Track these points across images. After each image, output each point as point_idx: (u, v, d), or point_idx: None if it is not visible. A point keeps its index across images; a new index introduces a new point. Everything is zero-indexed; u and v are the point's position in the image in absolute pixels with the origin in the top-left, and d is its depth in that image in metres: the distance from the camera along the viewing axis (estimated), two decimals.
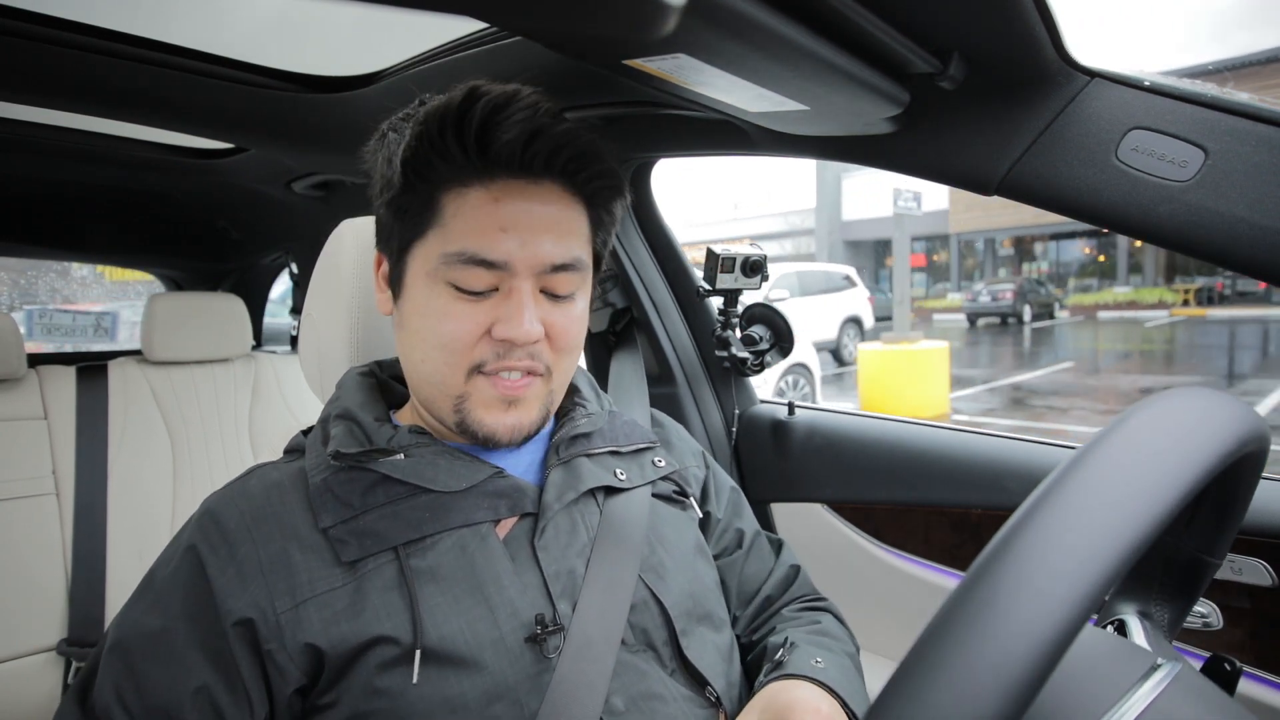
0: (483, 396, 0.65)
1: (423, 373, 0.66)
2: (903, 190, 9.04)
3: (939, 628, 0.31)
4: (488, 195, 0.62)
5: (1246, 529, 0.82)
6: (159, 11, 0.93)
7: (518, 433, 0.66)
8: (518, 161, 0.62)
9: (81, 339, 2.52)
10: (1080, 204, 0.67)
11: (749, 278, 1.24)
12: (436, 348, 0.64)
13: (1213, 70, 12.52)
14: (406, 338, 0.67)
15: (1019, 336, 16.34)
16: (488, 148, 0.61)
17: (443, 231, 0.63)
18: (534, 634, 0.59)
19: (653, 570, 0.68)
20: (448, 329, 0.63)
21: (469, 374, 0.64)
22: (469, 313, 0.63)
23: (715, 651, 0.69)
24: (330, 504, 0.62)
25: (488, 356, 0.64)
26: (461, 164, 0.62)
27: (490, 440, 0.66)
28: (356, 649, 0.56)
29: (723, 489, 0.86)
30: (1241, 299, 20.11)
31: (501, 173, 0.62)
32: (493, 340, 0.63)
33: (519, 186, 0.63)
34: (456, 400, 0.65)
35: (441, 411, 0.67)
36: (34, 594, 1.50)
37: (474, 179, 0.62)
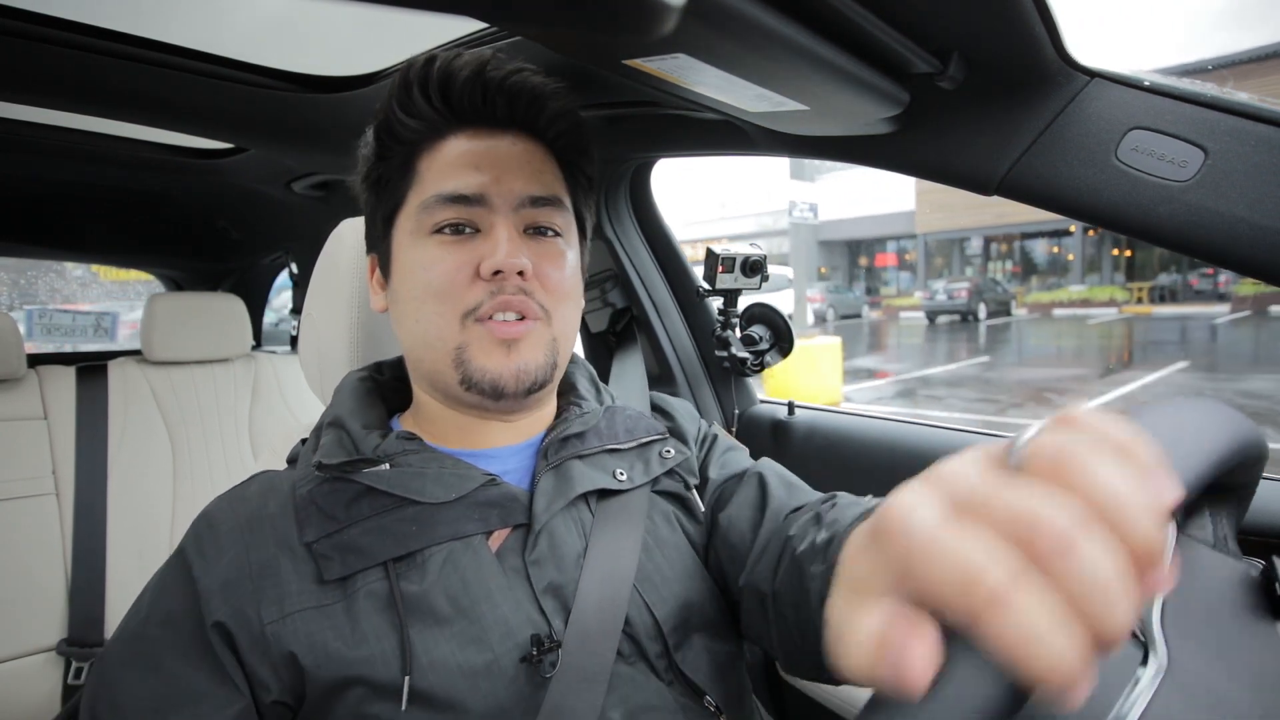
0: (481, 343, 0.63)
1: (419, 335, 0.65)
2: (798, 202, 9.78)
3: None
4: (457, 143, 0.66)
5: (1246, 529, 0.82)
6: (159, 11, 0.93)
7: (524, 377, 0.64)
8: (479, 111, 0.66)
9: (81, 339, 2.52)
10: (1080, 204, 0.67)
11: (749, 277, 1.24)
12: (428, 298, 0.64)
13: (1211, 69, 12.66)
14: (400, 310, 0.67)
15: (971, 333, 17.21)
16: (449, 97, 0.64)
17: (420, 186, 0.66)
18: (529, 654, 0.57)
19: (647, 579, 0.66)
20: (436, 274, 0.63)
21: (463, 321, 0.63)
22: (454, 254, 0.64)
23: (712, 660, 0.67)
24: (314, 517, 0.60)
25: (481, 298, 0.63)
26: (429, 118, 0.65)
27: (497, 389, 0.64)
28: (343, 679, 0.55)
29: (717, 454, 0.80)
30: (1198, 296, 20.94)
31: (468, 126, 0.66)
32: (482, 280, 0.63)
33: (486, 133, 0.66)
34: (456, 353, 0.63)
35: (444, 375, 0.65)
36: (34, 594, 1.50)
37: (444, 133, 0.66)
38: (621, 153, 1.17)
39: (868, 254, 29.78)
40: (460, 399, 0.67)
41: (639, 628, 0.64)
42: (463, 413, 0.69)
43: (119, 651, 0.56)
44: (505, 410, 0.68)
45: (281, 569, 0.58)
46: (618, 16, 0.33)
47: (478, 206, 0.64)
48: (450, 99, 0.65)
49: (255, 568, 0.57)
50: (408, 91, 0.65)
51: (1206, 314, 17.89)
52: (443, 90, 0.64)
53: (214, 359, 1.87)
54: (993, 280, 22.56)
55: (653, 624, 0.64)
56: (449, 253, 0.64)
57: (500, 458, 0.69)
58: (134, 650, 0.56)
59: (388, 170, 0.68)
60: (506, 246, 0.63)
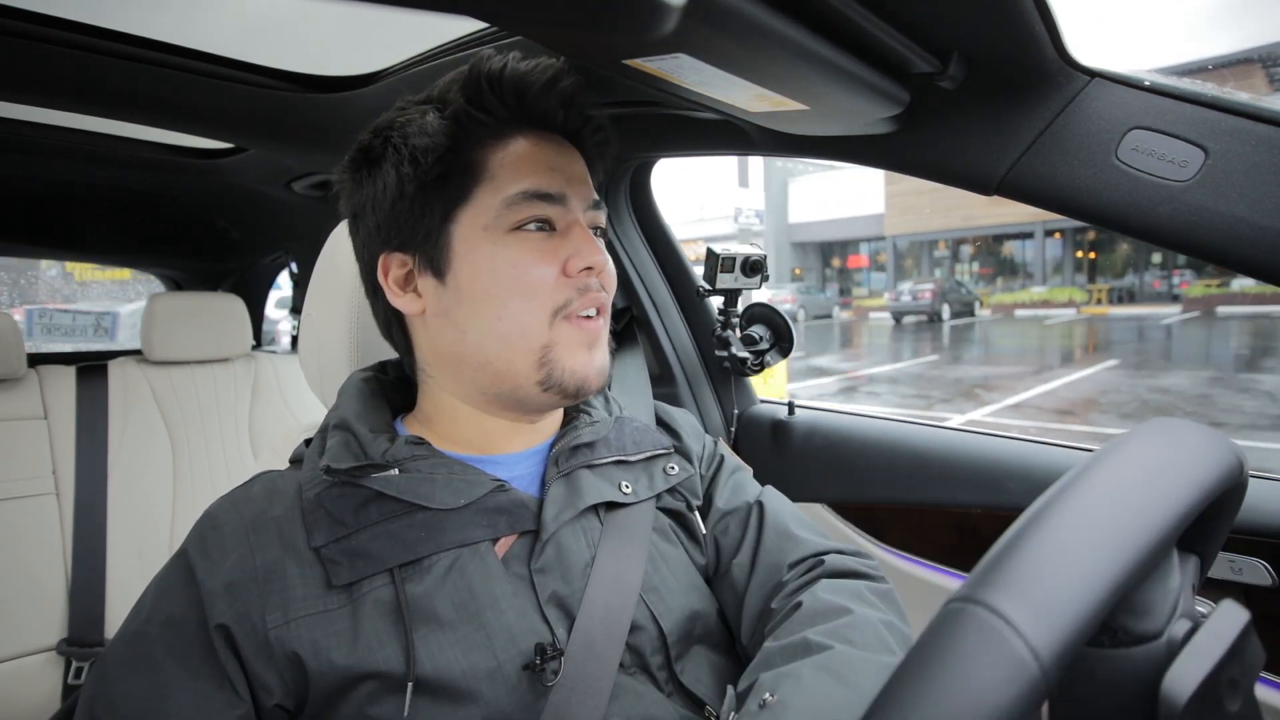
0: (569, 342, 0.65)
1: (498, 335, 0.64)
2: (743, 209, 10.18)
3: (1012, 544, 0.32)
4: (527, 142, 0.67)
5: (1247, 529, 0.82)
6: (159, 11, 0.93)
7: (604, 375, 0.67)
8: (545, 114, 0.67)
9: (81, 339, 2.52)
10: (1080, 204, 0.67)
11: (749, 277, 1.24)
12: (517, 295, 0.63)
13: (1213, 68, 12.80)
14: (467, 310, 0.65)
15: (935, 333, 17.84)
16: (523, 98, 0.65)
17: (493, 183, 0.65)
18: (532, 663, 0.57)
19: (654, 590, 0.66)
20: (528, 272, 0.63)
21: (553, 319, 0.64)
22: (545, 251, 0.64)
23: (714, 672, 0.67)
24: (322, 521, 0.59)
25: (571, 295, 0.64)
26: (501, 116, 0.66)
27: (582, 389, 0.66)
28: (347, 681, 0.55)
29: (723, 478, 0.81)
30: (1156, 298, 21.72)
31: (531, 126, 0.68)
32: (568, 278, 0.64)
33: (547, 137, 0.68)
34: (542, 352, 0.64)
35: (522, 374, 0.65)
36: (34, 594, 1.50)
37: (511, 131, 0.67)
38: (621, 153, 1.17)
39: (840, 255, 30.09)
40: (521, 400, 0.67)
41: (643, 638, 0.63)
42: (493, 415, 0.69)
43: (119, 652, 0.56)
44: (552, 410, 0.71)
45: (287, 572, 0.57)
46: (618, 16, 0.33)
47: (559, 205, 0.65)
48: (524, 100, 0.65)
49: (260, 570, 0.57)
50: (479, 87, 0.65)
51: (1160, 315, 18.44)
52: (518, 91, 0.65)
53: (214, 359, 1.87)
54: (957, 282, 23.13)
55: (658, 635, 0.64)
56: (537, 249, 0.64)
57: (507, 463, 0.69)
58: (134, 651, 0.56)
59: (451, 166, 0.65)
60: (593, 244, 0.65)
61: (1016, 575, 0.30)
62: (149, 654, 0.55)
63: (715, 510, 0.77)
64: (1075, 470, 0.35)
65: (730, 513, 0.77)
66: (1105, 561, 0.31)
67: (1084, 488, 0.34)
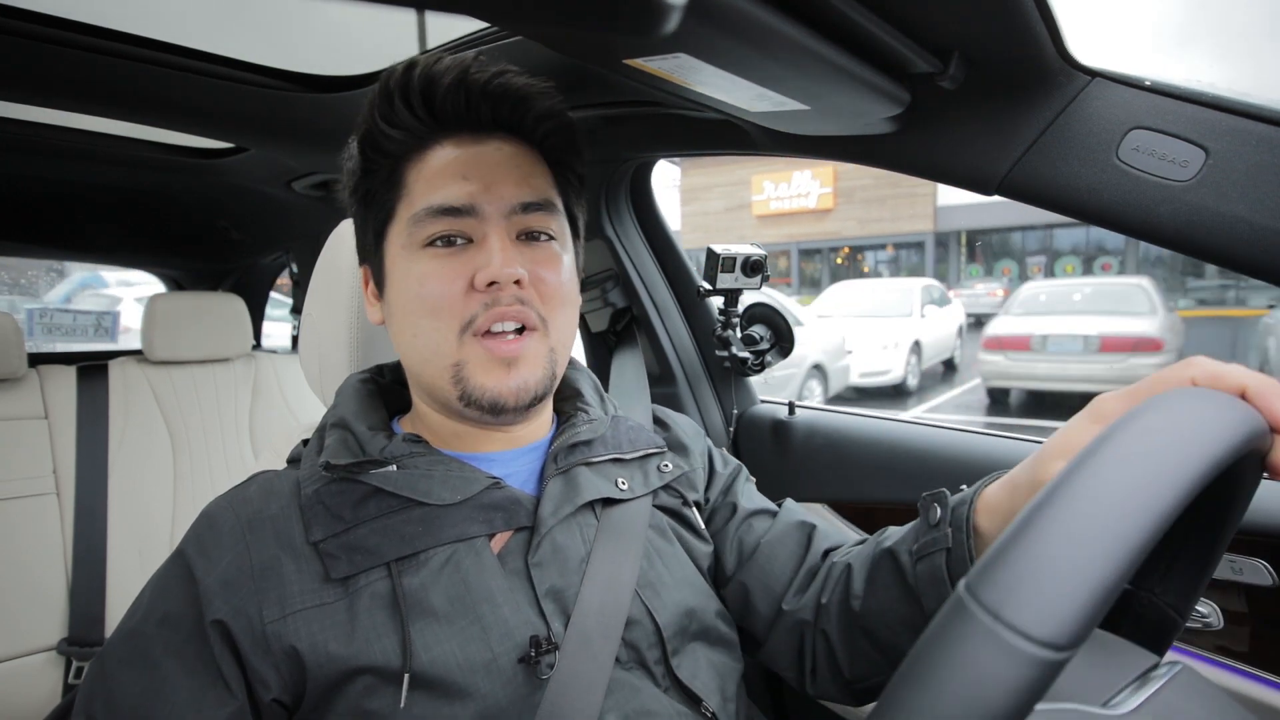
0: (479, 361, 0.63)
1: (417, 350, 0.65)
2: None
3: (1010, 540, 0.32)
4: (444, 152, 0.65)
5: (1247, 529, 0.82)
6: (159, 11, 0.93)
7: (523, 394, 0.64)
8: (464, 117, 0.64)
9: (81, 339, 2.52)
10: (1081, 204, 0.67)
11: (749, 277, 1.24)
12: (424, 314, 0.63)
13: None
14: (397, 324, 0.66)
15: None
16: (432, 105, 0.63)
17: (409, 199, 0.65)
18: (527, 655, 0.58)
19: (649, 585, 0.66)
20: (430, 289, 0.63)
21: (461, 335, 0.62)
22: (447, 267, 0.63)
23: (710, 668, 0.67)
24: (321, 516, 0.60)
25: (476, 310, 0.62)
26: (412, 127, 0.64)
27: (497, 406, 0.63)
28: (344, 673, 0.55)
29: (720, 471, 0.83)
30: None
31: (453, 132, 0.65)
32: (477, 292, 0.62)
33: (472, 140, 0.65)
34: (454, 370, 0.63)
35: (443, 390, 0.64)
36: (34, 594, 1.50)
37: (429, 142, 0.65)
38: (621, 153, 1.17)
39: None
40: (460, 413, 0.66)
41: (639, 633, 0.64)
42: (461, 422, 0.69)
43: (116, 649, 0.57)
44: (505, 424, 0.69)
45: (283, 569, 0.58)
46: (618, 16, 0.33)
47: (468, 217, 0.63)
48: (434, 107, 0.63)
49: (256, 568, 0.57)
50: (389, 101, 0.63)
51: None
52: (425, 98, 0.63)
53: (214, 359, 1.87)
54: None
55: (653, 630, 0.65)
56: (442, 266, 0.63)
57: (501, 461, 0.69)
58: (131, 649, 0.56)
59: (374, 183, 0.66)
60: (500, 256, 0.62)
61: (1017, 571, 0.31)
62: (146, 651, 0.55)
63: (741, 510, 0.79)
64: (1083, 453, 0.35)
65: (758, 512, 0.80)
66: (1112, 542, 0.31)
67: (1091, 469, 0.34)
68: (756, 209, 17.06)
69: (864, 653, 0.67)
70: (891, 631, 0.64)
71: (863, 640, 0.67)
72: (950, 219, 15.33)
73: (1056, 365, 6.79)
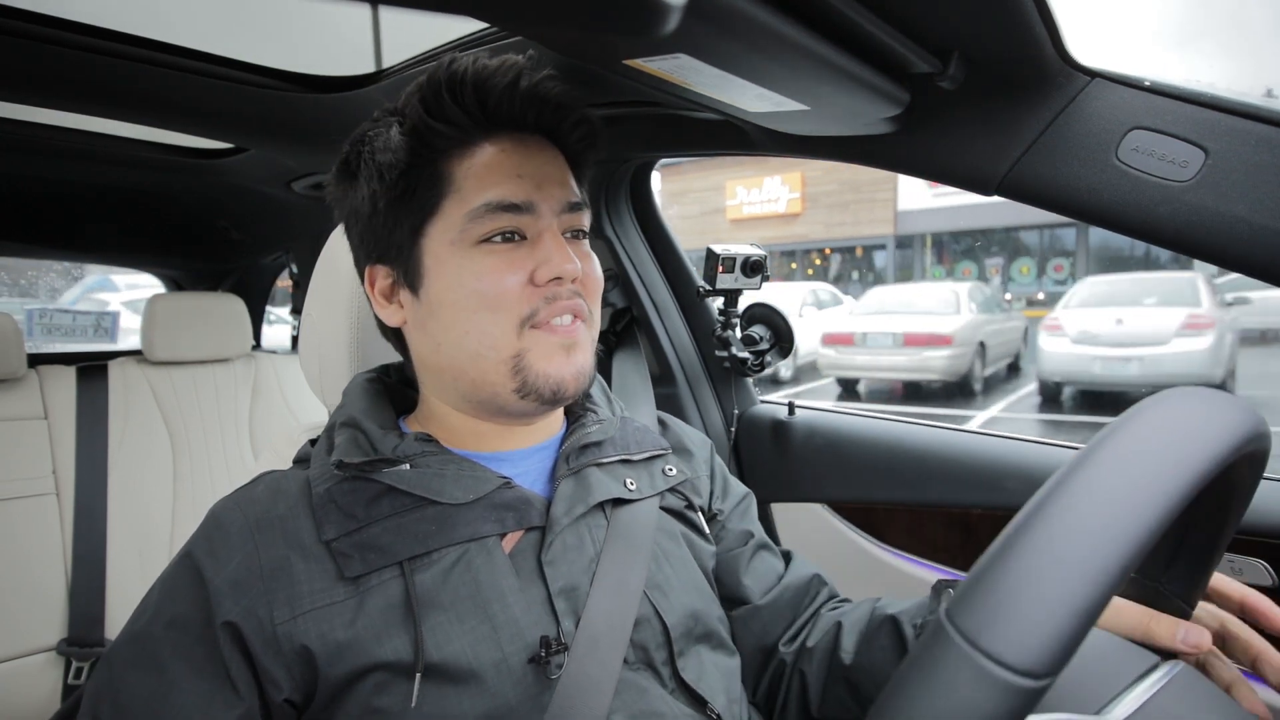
0: (542, 348, 0.64)
1: (468, 349, 0.64)
2: None
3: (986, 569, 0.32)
4: (494, 149, 0.65)
5: (1247, 529, 0.82)
6: (159, 11, 0.93)
7: (582, 378, 0.66)
8: (514, 117, 0.65)
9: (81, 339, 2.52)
10: (1080, 204, 0.67)
11: (749, 278, 1.24)
12: (483, 309, 0.63)
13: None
14: (439, 324, 0.65)
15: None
16: (485, 103, 0.63)
17: (459, 195, 0.64)
18: (537, 655, 0.58)
19: (657, 587, 0.67)
20: (493, 284, 0.63)
21: (521, 329, 0.63)
22: (508, 262, 0.63)
23: (715, 670, 0.68)
24: (333, 515, 0.60)
25: (538, 305, 0.63)
26: (464, 125, 0.64)
27: (559, 392, 0.64)
28: (355, 671, 0.55)
29: (732, 490, 0.85)
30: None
31: (498, 132, 0.65)
32: (537, 287, 0.63)
33: (517, 141, 0.66)
34: (514, 361, 0.63)
35: (495, 384, 0.64)
36: (34, 594, 1.50)
37: (478, 138, 0.65)
38: (621, 153, 1.17)
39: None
40: (503, 407, 0.66)
41: (647, 634, 0.64)
42: (487, 420, 0.69)
43: (124, 651, 0.57)
44: (539, 415, 0.70)
45: (293, 569, 0.58)
46: (618, 16, 0.33)
47: (526, 214, 0.64)
48: (487, 105, 0.64)
49: (266, 568, 0.57)
50: (438, 96, 0.63)
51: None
52: (479, 96, 0.63)
53: (214, 359, 1.87)
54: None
55: (661, 630, 0.65)
56: (502, 261, 0.63)
57: (512, 460, 0.69)
58: (139, 651, 0.56)
59: (416, 179, 0.65)
60: (562, 253, 0.63)
61: (995, 598, 0.31)
62: (154, 653, 0.55)
63: (756, 539, 0.82)
64: (1058, 476, 0.35)
65: (766, 546, 0.83)
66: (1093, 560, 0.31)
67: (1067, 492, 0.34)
68: (730, 213, 17.60)
69: (839, 699, 0.71)
70: (876, 688, 0.68)
71: (842, 689, 0.70)
72: (910, 223, 15.87)
73: (871, 357, 8.38)
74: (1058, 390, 7.67)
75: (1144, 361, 6.70)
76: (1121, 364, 6.81)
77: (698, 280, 1.31)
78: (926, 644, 0.31)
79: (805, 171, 16.15)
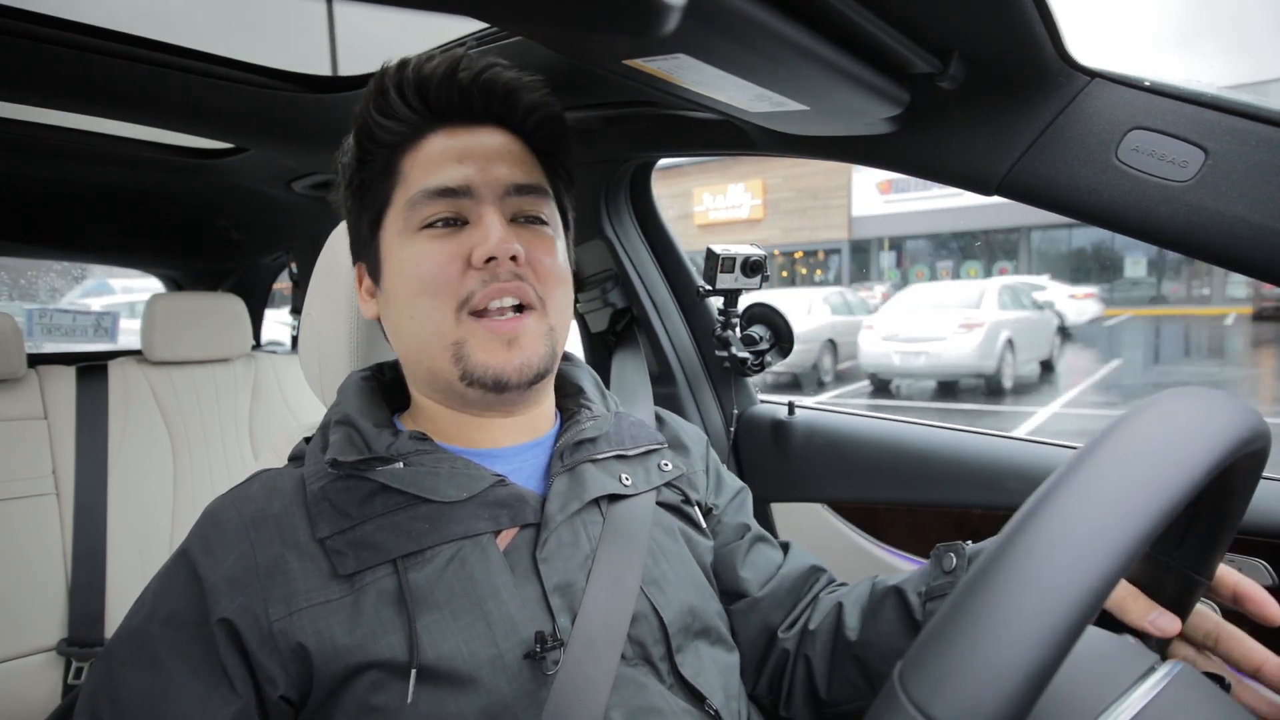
0: (480, 340, 0.64)
1: (415, 333, 0.65)
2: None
3: (937, 630, 0.31)
4: (438, 140, 0.67)
5: (1246, 529, 0.82)
6: (159, 11, 0.93)
7: (526, 370, 0.65)
8: (457, 108, 0.67)
9: (81, 339, 2.52)
10: (1080, 204, 0.67)
11: (749, 278, 1.24)
12: (422, 294, 0.64)
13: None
14: (394, 311, 0.67)
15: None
16: (426, 96, 0.65)
17: (404, 186, 0.66)
18: (532, 651, 0.58)
19: (654, 582, 0.67)
20: (428, 268, 0.64)
21: (459, 312, 0.63)
22: (444, 247, 0.64)
23: (713, 666, 0.68)
24: (327, 513, 0.60)
25: (474, 287, 0.63)
26: (407, 118, 0.66)
27: (500, 382, 0.64)
28: (351, 669, 0.55)
29: (727, 484, 0.85)
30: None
31: (446, 123, 0.67)
32: (475, 270, 0.63)
33: (465, 129, 0.67)
34: (454, 348, 0.64)
35: (443, 372, 0.65)
36: (34, 594, 1.50)
37: (424, 132, 0.67)
38: (621, 153, 1.17)
39: None
40: (462, 395, 0.67)
41: (644, 629, 0.64)
42: (463, 411, 0.69)
43: (120, 649, 0.57)
44: (509, 404, 0.69)
45: (288, 566, 0.58)
46: (618, 16, 0.33)
47: (465, 198, 0.65)
48: (428, 98, 0.66)
49: (261, 566, 0.58)
50: (384, 95, 0.66)
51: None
52: (419, 90, 0.65)
53: (214, 359, 1.87)
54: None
55: (659, 626, 0.65)
56: (439, 245, 0.64)
57: (505, 457, 0.69)
58: (135, 648, 0.56)
59: (369, 175, 0.68)
60: (497, 233, 0.63)
61: (944, 665, 0.30)
62: (150, 651, 0.55)
63: (753, 532, 0.82)
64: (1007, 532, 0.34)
65: (763, 538, 0.83)
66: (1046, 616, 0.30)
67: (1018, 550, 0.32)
68: (698, 219, 18.29)
69: (848, 678, 0.70)
70: (886, 663, 0.67)
71: (851, 667, 0.70)
72: (863, 228, 16.50)
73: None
74: (886, 381, 9.06)
75: (929, 355, 8.29)
76: (913, 356, 8.38)
77: (698, 280, 1.31)
78: (879, 707, 0.31)
79: (766, 179, 16.88)
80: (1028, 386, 8.74)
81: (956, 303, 8.85)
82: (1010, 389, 8.39)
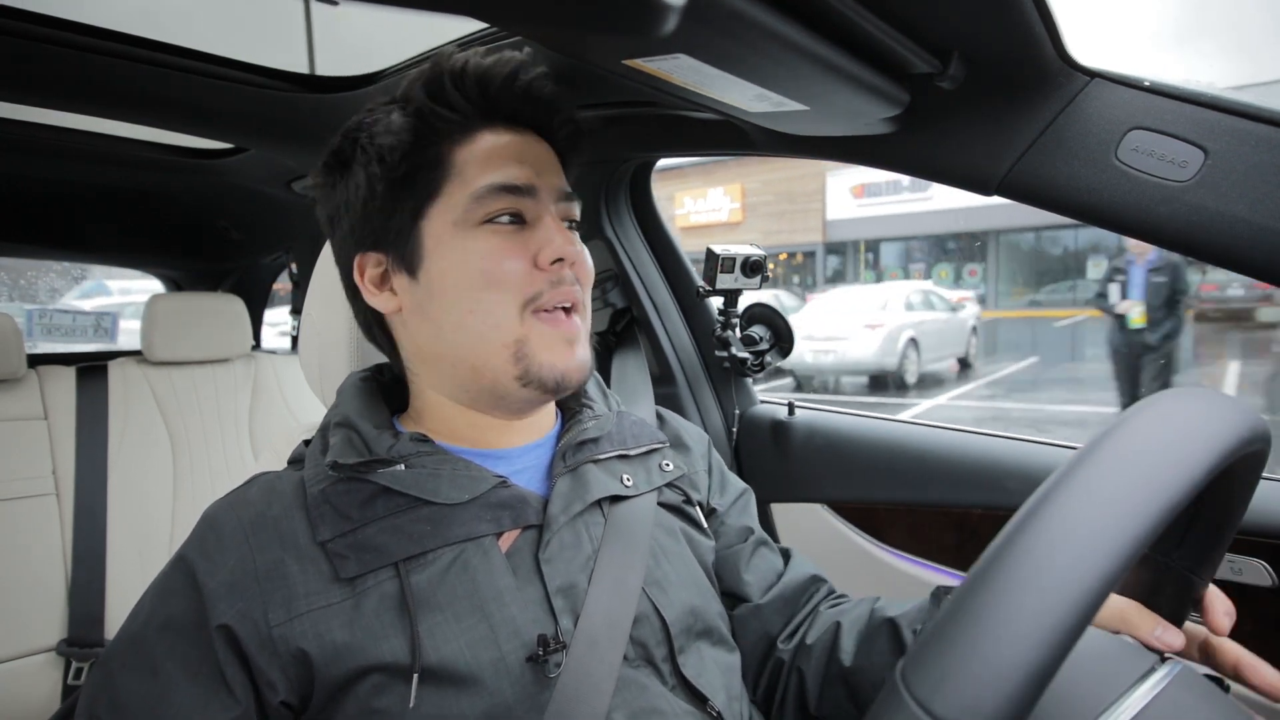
0: (544, 339, 0.64)
1: (471, 329, 0.64)
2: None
3: (939, 629, 0.31)
4: (494, 136, 0.67)
5: (1246, 529, 0.82)
6: (159, 11, 0.93)
7: (585, 370, 0.67)
8: (510, 108, 0.67)
9: (81, 339, 2.52)
10: (1080, 204, 0.67)
11: (749, 278, 1.24)
12: (488, 288, 0.63)
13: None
14: (441, 305, 0.65)
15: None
16: (486, 93, 0.65)
17: (461, 178, 0.65)
18: (535, 654, 0.58)
19: (656, 583, 0.67)
20: (497, 264, 0.63)
21: (523, 312, 0.64)
22: (512, 243, 0.64)
23: (715, 667, 0.68)
24: (328, 516, 0.60)
25: (542, 287, 0.64)
26: (465, 112, 0.66)
27: (562, 383, 0.65)
28: (352, 673, 0.55)
29: (730, 485, 0.85)
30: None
31: (496, 122, 0.67)
32: (540, 271, 0.64)
33: (513, 131, 0.68)
34: (516, 346, 0.63)
35: (497, 369, 0.64)
36: (34, 594, 1.50)
37: (477, 126, 0.67)
38: (621, 153, 1.17)
39: None
40: (504, 395, 0.66)
41: (646, 630, 0.64)
42: (486, 413, 0.69)
43: (119, 654, 0.57)
44: (536, 407, 0.70)
45: (288, 570, 0.57)
46: (618, 17, 0.33)
47: (528, 197, 0.65)
48: (489, 95, 0.66)
49: (261, 570, 0.57)
50: (441, 83, 0.65)
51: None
52: (481, 86, 0.65)
53: (214, 359, 1.87)
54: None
55: (661, 627, 0.65)
56: (506, 241, 0.64)
57: (508, 458, 0.69)
58: (134, 654, 0.56)
59: (417, 163, 0.66)
60: (563, 236, 0.65)
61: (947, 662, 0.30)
62: (149, 656, 0.55)
63: (755, 536, 0.82)
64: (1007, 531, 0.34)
65: (765, 543, 0.82)
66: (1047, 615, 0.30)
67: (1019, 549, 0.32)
68: (679, 222, 18.58)
69: (838, 699, 0.71)
70: (875, 691, 0.67)
71: (841, 689, 0.70)
72: (838, 231, 16.78)
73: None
74: (810, 377, 9.49)
75: (836, 353, 8.84)
76: (824, 354, 8.91)
77: (697, 280, 1.31)
78: (882, 703, 0.31)
79: (744, 183, 17.12)
80: (938, 382, 9.37)
81: (867, 306, 9.36)
82: (914, 384, 8.98)
